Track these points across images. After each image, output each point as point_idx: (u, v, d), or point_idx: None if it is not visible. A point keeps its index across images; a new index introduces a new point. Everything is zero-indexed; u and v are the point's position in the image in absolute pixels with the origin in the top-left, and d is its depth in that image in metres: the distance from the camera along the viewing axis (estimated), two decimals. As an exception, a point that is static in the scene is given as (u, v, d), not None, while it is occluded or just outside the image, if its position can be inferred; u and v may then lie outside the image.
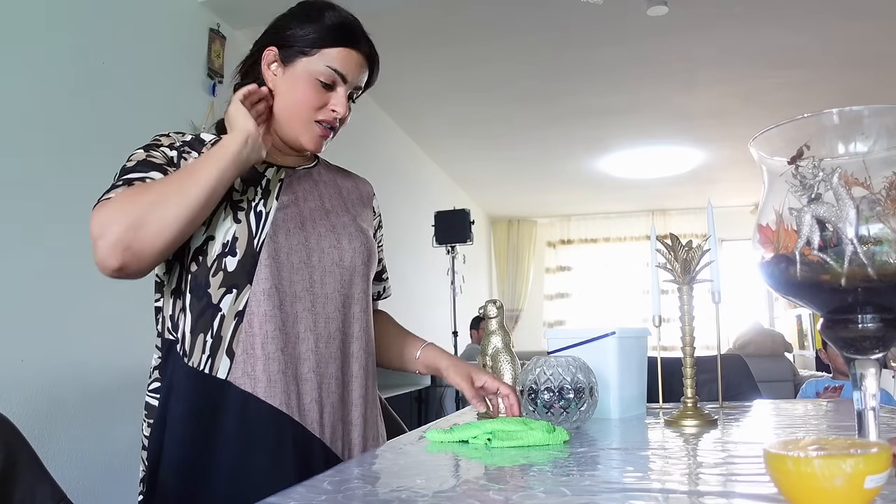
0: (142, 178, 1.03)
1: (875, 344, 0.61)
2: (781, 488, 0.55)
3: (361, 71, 1.19)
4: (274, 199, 1.14)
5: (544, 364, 1.26)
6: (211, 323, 1.06)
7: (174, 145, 1.12)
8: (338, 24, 1.16)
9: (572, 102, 4.81)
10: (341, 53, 1.15)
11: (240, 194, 1.12)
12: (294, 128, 1.16)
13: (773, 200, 0.64)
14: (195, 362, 1.05)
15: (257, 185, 1.15)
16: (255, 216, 1.10)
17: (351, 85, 1.18)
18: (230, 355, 1.04)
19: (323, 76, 1.14)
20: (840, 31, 3.78)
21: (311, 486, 0.83)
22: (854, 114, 0.60)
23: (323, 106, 1.16)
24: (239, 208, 1.10)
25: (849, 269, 0.57)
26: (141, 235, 0.97)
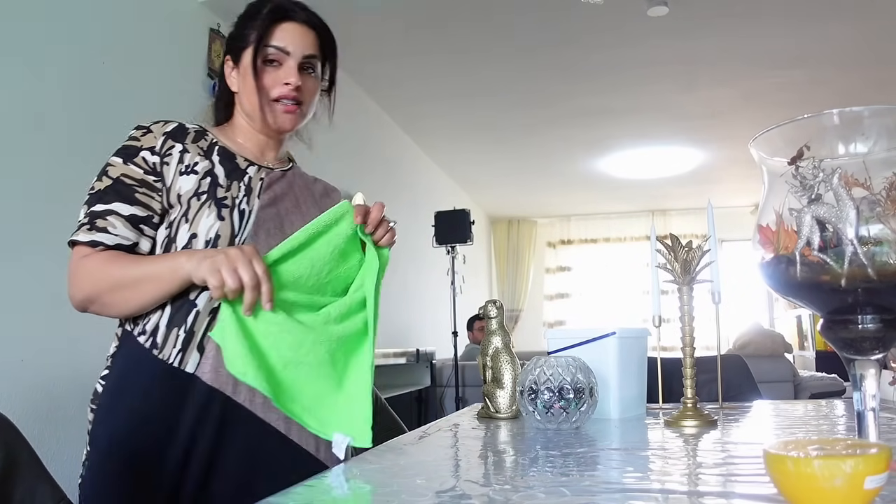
0: (105, 212, 1.08)
1: (875, 345, 0.61)
2: (781, 489, 0.55)
3: (304, 39, 1.19)
4: (256, 197, 1.16)
5: (544, 364, 1.26)
6: (185, 318, 1.07)
7: (155, 149, 1.13)
8: (268, 7, 1.18)
9: (573, 103, 4.81)
10: (275, 30, 1.17)
11: (224, 190, 1.13)
12: (262, 115, 1.19)
13: (773, 201, 0.64)
14: (166, 355, 1.06)
15: (240, 182, 1.16)
16: (239, 214, 1.12)
17: (297, 55, 1.18)
18: (200, 351, 1.06)
19: (265, 57, 1.17)
20: (840, 32, 3.78)
21: (311, 486, 0.83)
22: (854, 114, 0.60)
23: (276, 84, 1.18)
24: (223, 205, 1.12)
25: (849, 269, 0.57)
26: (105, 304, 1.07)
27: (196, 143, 1.17)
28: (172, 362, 1.06)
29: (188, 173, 1.13)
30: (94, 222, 1.08)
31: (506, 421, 1.43)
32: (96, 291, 1.06)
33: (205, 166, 1.15)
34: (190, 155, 1.15)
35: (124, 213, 1.09)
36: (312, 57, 1.20)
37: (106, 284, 1.05)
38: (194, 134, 1.18)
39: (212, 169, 1.15)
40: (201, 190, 1.12)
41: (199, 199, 1.11)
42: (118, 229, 1.09)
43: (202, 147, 1.18)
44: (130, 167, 1.11)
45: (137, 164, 1.11)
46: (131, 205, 1.09)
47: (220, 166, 1.16)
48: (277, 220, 1.17)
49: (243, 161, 1.20)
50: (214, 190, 1.12)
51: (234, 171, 1.17)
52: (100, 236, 1.08)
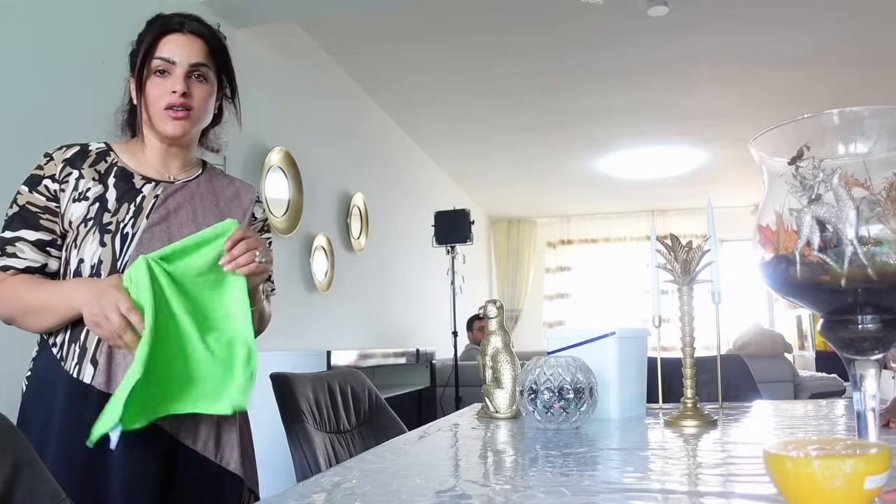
0: (14, 239, 1.18)
1: (875, 345, 0.61)
2: (781, 489, 0.55)
3: (189, 49, 1.24)
4: (144, 217, 1.22)
5: (544, 364, 1.26)
6: (79, 335, 1.19)
7: (55, 176, 1.21)
8: (155, 22, 1.25)
9: (572, 102, 4.81)
10: (161, 42, 1.23)
11: (111, 215, 1.21)
12: (155, 124, 1.25)
13: (773, 201, 0.64)
14: (68, 367, 1.18)
15: (131, 203, 1.23)
16: (121, 238, 1.20)
17: (183, 64, 1.23)
18: (94, 364, 1.17)
19: (153, 69, 1.23)
20: (840, 32, 3.78)
21: (311, 486, 0.83)
22: (854, 114, 0.60)
23: (164, 93, 1.23)
24: (106, 231, 1.20)
25: (849, 269, 0.57)
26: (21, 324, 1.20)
27: (94, 166, 1.23)
28: (72, 373, 1.17)
29: (80, 200, 1.21)
30: (4, 248, 1.18)
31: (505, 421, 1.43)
32: (12, 313, 1.18)
33: (96, 192, 1.21)
34: (84, 181, 1.21)
35: (31, 239, 1.19)
36: (200, 65, 1.25)
37: (18, 308, 1.17)
38: (95, 156, 1.25)
39: (103, 194, 1.22)
40: (89, 216, 1.20)
41: (86, 226, 1.20)
42: (26, 254, 1.19)
43: (99, 170, 1.24)
44: (34, 195, 1.20)
45: (40, 192, 1.20)
46: (36, 230, 1.19)
47: (113, 189, 1.23)
48: (166, 237, 1.22)
49: (140, 180, 1.25)
50: (101, 216, 1.20)
51: (129, 192, 1.23)
52: (10, 261, 1.18)
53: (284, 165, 3.35)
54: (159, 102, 1.23)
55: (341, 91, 4.22)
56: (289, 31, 3.55)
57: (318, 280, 3.63)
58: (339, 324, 3.91)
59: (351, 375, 1.79)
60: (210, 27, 1.29)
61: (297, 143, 3.47)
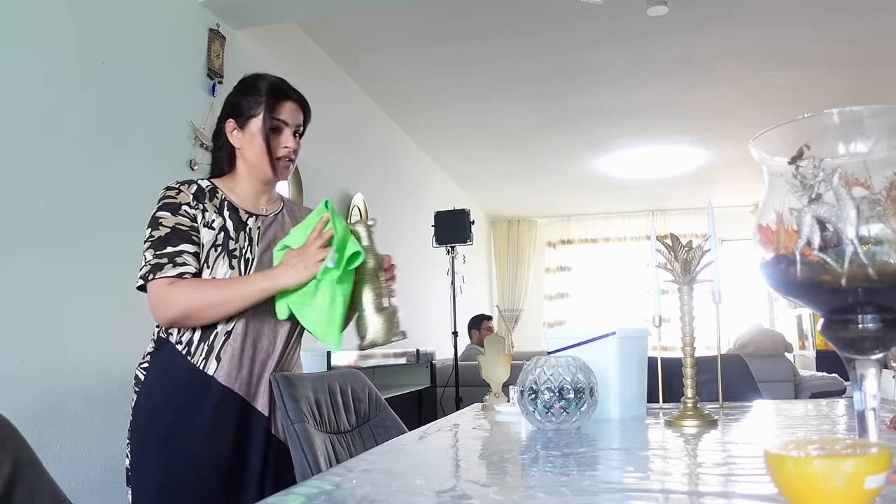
0: (178, 252, 1.40)
1: (875, 344, 0.61)
2: (781, 488, 0.55)
3: (297, 114, 1.55)
4: (256, 245, 1.50)
5: (544, 364, 1.26)
6: (209, 336, 1.44)
7: (190, 203, 1.46)
8: (270, 86, 1.52)
9: (572, 102, 4.81)
10: (279, 106, 1.52)
11: (234, 242, 1.47)
12: (264, 169, 1.52)
13: (773, 200, 0.64)
14: (196, 361, 1.43)
15: (244, 232, 1.50)
16: (245, 263, 1.47)
17: (292, 126, 1.54)
18: (217, 360, 1.43)
19: (272, 126, 1.51)
20: (840, 32, 3.78)
21: (312, 486, 0.83)
22: (854, 114, 0.60)
23: (278, 147, 1.52)
24: (233, 256, 1.46)
25: (849, 269, 0.57)
26: (197, 317, 1.41)
27: (211, 201, 1.48)
28: (199, 366, 1.42)
29: (208, 227, 1.45)
30: (174, 260, 1.39)
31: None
32: (190, 308, 1.38)
33: (219, 223, 1.47)
34: (209, 213, 1.46)
35: (191, 251, 1.42)
36: (300, 125, 1.57)
37: (198, 302, 1.38)
38: (209, 193, 1.49)
39: (224, 224, 1.47)
40: (217, 243, 1.45)
41: (216, 251, 1.44)
42: (192, 262, 1.41)
43: (216, 205, 1.48)
44: (179, 218, 1.43)
45: (183, 215, 1.44)
46: (193, 244, 1.42)
47: (229, 220, 1.48)
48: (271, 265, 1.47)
49: (244, 214, 1.52)
50: (227, 243, 1.46)
51: (239, 223, 1.50)
52: (184, 269, 1.40)
53: (284, 165, 3.35)
54: (275, 153, 1.51)
55: (341, 91, 4.22)
56: (289, 32, 3.55)
57: (319, 280, 3.63)
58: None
59: (351, 375, 1.79)
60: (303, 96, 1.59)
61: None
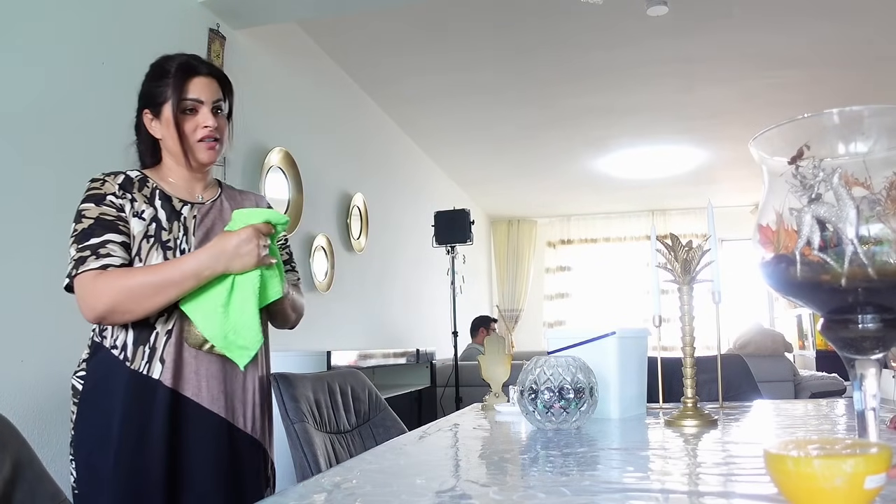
0: (102, 242, 1.30)
1: (875, 344, 0.61)
2: (781, 488, 0.55)
3: (211, 88, 1.44)
4: (192, 235, 1.41)
5: (544, 364, 1.26)
6: (148, 338, 1.34)
7: (116, 193, 1.36)
8: (178, 66, 1.42)
9: (572, 102, 4.81)
10: (188, 84, 1.41)
11: (168, 233, 1.38)
12: (188, 154, 1.43)
13: (773, 200, 0.64)
14: (136, 366, 1.32)
15: (178, 221, 1.41)
16: (180, 253, 1.38)
17: (209, 102, 1.43)
18: (162, 362, 1.33)
19: (185, 108, 1.41)
20: (839, 32, 3.78)
21: (312, 486, 0.83)
22: (854, 114, 0.60)
23: (197, 128, 1.42)
24: (167, 248, 1.37)
25: (849, 269, 0.57)
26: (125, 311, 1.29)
27: (141, 191, 1.40)
28: (142, 370, 1.32)
29: (138, 217, 1.36)
30: (97, 252, 1.30)
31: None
32: (116, 302, 1.27)
33: (150, 213, 1.38)
34: (137, 203, 1.37)
35: (118, 241, 1.32)
36: (219, 100, 1.45)
37: (125, 294, 1.27)
38: (138, 182, 1.41)
39: (155, 214, 1.38)
40: (149, 233, 1.36)
41: (148, 242, 1.35)
42: (118, 252, 1.32)
43: (146, 195, 1.40)
44: (104, 208, 1.34)
45: (108, 205, 1.35)
46: (119, 234, 1.33)
47: (161, 210, 1.39)
48: None
49: (178, 202, 1.43)
50: (160, 233, 1.37)
51: (172, 213, 1.41)
52: (108, 260, 1.30)
53: (284, 165, 3.35)
54: (193, 136, 1.41)
55: (341, 91, 4.22)
56: (289, 32, 3.55)
57: (318, 280, 3.63)
58: (339, 324, 3.91)
59: (351, 376, 1.79)
60: (218, 68, 1.48)
61: (297, 143, 3.47)
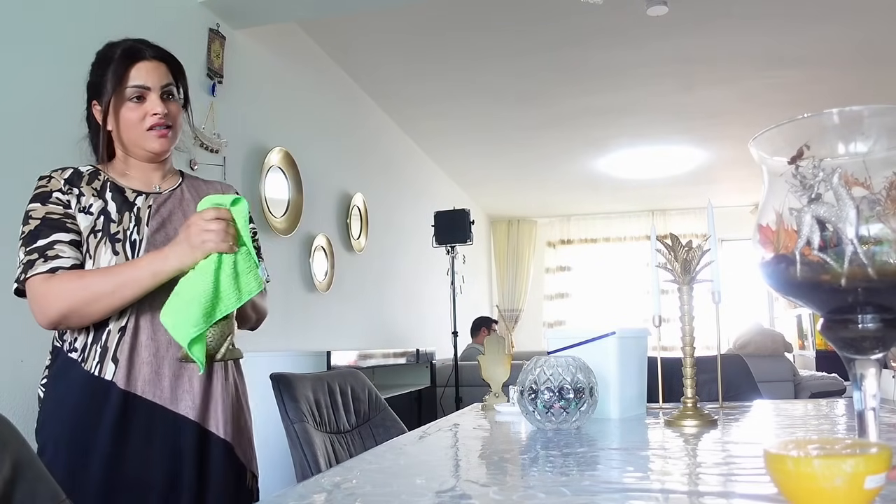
0: (50, 244, 1.23)
1: (875, 344, 0.61)
2: (781, 488, 0.55)
3: (158, 72, 1.34)
4: (145, 225, 1.32)
5: (544, 364, 1.26)
6: (101, 336, 1.26)
7: (62, 190, 1.29)
8: (120, 52, 1.33)
9: (572, 102, 4.81)
10: (131, 71, 1.32)
11: (117, 225, 1.30)
12: (139, 144, 1.34)
13: (773, 200, 0.64)
14: (89, 367, 1.25)
15: (130, 212, 1.32)
16: (130, 245, 1.29)
17: (156, 88, 1.33)
18: (115, 361, 1.25)
19: (130, 96, 1.32)
20: (840, 32, 3.78)
21: (311, 486, 0.83)
22: (854, 114, 0.60)
23: (145, 116, 1.32)
24: (116, 240, 1.29)
25: (849, 269, 0.57)
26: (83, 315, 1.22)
27: (90, 184, 1.32)
28: (93, 372, 1.24)
29: (85, 212, 1.29)
30: (45, 254, 1.23)
31: (492, 413, 1.42)
32: (75, 304, 1.20)
33: (98, 206, 1.30)
34: (85, 198, 1.30)
35: (66, 240, 1.25)
36: (168, 85, 1.35)
37: (84, 296, 1.20)
38: (88, 176, 1.33)
39: (105, 207, 1.30)
40: (97, 228, 1.28)
41: (95, 237, 1.28)
42: (67, 253, 1.24)
43: (96, 188, 1.32)
44: (50, 206, 1.27)
45: (55, 203, 1.28)
46: (67, 232, 1.26)
47: (112, 202, 1.31)
48: (167, 242, 1.30)
49: (132, 193, 1.35)
50: (108, 226, 1.29)
51: (124, 204, 1.32)
52: (57, 262, 1.23)
53: (284, 165, 3.35)
54: (141, 125, 1.32)
55: (341, 91, 4.22)
56: (289, 32, 3.55)
57: (318, 280, 3.63)
58: (339, 324, 3.91)
59: (351, 376, 1.79)
60: (165, 50, 1.38)
61: (297, 143, 3.47)
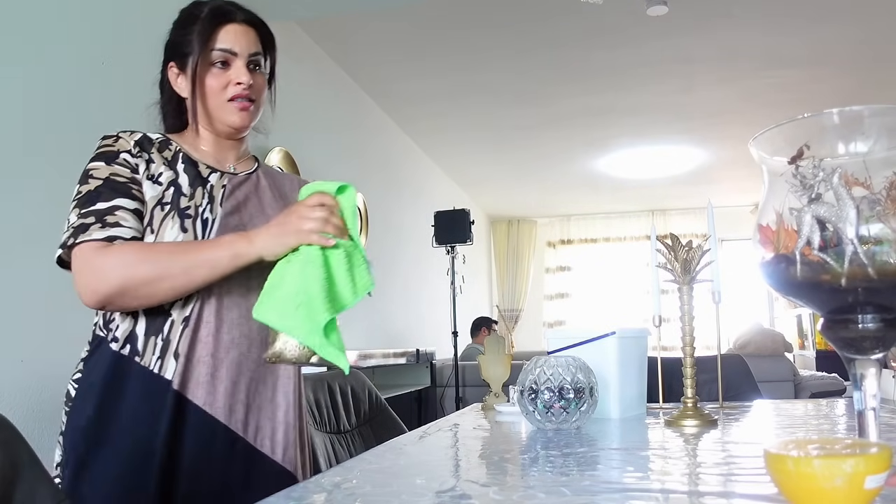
0: (110, 208, 1.07)
1: (875, 344, 0.61)
2: (781, 488, 0.55)
3: (248, 38, 1.20)
4: (218, 205, 1.17)
5: (544, 364, 1.26)
6: (161, 327, 1.10)
7: (132, 152, 1.14)
8: (207, 11, 1.19)
9: (572, 102, 4.81)
10: (219, 33, 1.18)
11: (188, 199, 1.14)
12: (217, 116, 1.20)
13: (773, 200, 0.64)
14: (147, 362, 1.09)
15: (203, 188, 1.17)
16: (202, 224, 1.13)
17: (244, 55, 1.19)
18: (176, 357, 1.09)
19: (214, 60, 1.18)
20: (840, 32, 3.78)
21: (312, 486, 0.83)
22: (854, 114, 0.60)
23: (228, 84, 1.18)
24: (186, 216, 1.12)
25: (849, 269, 0.57)
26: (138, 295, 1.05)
27: (161, 152, 1.17)
28: (153, 368, 1.08)
29: (153, 181, 1.14)
30: (103, 219, 1.07)
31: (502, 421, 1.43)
32: (136, 280, 1.04)
33: (168, 176, 1.15)
34: (155, 165, 1.15)
35: (130, 207, 1.09)
36: (257, 54, 1.22)
37: (148, 272, 1.04)
38: (158, 144, 1.18)
39: (175, 179, 1.15)
40: (165, 200, 1.13)
41: (162, 210, 1.12)
42: (130, 222, 1.09)
43: (166, 157, 1.17)
44: (116, 167, 1.12)
45: (122, 165, 1.12)
46: (132, 199, 1.10)
47: (184, 175, 1.17)
48: (241, 228, 1.16)
49: (205, 169, 1.20)
50: (178, 200, 1.13)
51: (197, 178, 1.17)
52: (115, 231, 1.07)
53: (284, 165, 3.35)
54: (222, 94, 1.18)
55: (341, 91, 4.22)
56: (289, 31, 3.55)
57: (319, 280, 3.63)
58: (339, 324, 3.91)
59: (351, 376, 1.79)
60: (257, 15, 1.24)
61: (297, 143, 3.47)
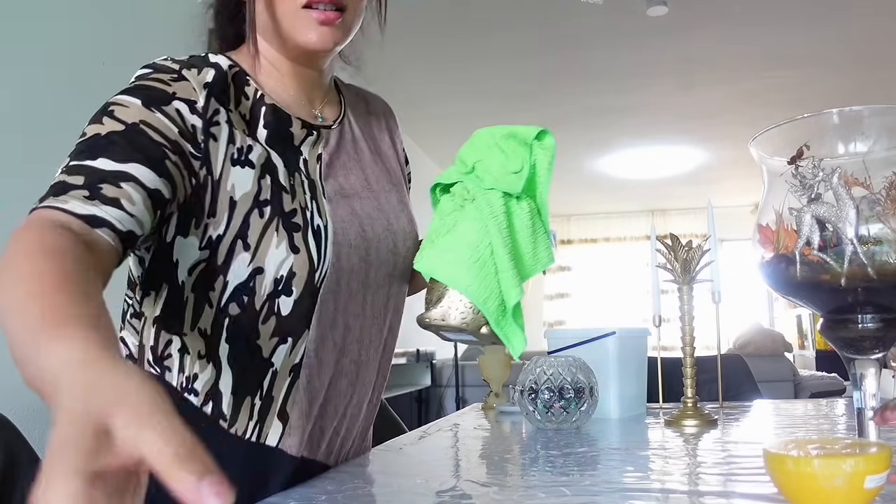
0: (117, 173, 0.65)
1: (875, 344, 0.61)
2: (781, 488, 0.55)
3: None
4: (322, 196, 0.81)
5: (544, 364, 1.26)
6: (261, 381, 0.78)
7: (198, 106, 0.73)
8: None
9: (572, 102, 4.81)
10: None
11: (291, 198, 0.77)
12: (286, 29, 0.80)
13: (773, 200, 0.64)
14: (239, 429, 0.78)
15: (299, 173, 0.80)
16: (314, 236, 0.78)
17: None
18: (282, 418, 0.80)
19: None
20: (839, 32, 3.78)
21: (312, 486, 0.83)
22: (854, 114, 0.60)
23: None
24: (294, 227, 0.76)
25: (849, 269, 0.57)
26: None
27: (237, 107, 0.78)
28: (250, 437, 0.78)
29: (242, 164, 0.74)
30: (97, 187, 0.64)
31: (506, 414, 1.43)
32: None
33: (259, 154, 0.76)
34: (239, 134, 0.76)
35: (149, 185, 0.66)
36: None
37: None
38: (234, 84, 0.79)
39: (268, 157, 0.77)
40: (263, 197, 0.75)
41: (261, 216, 0.75)
42: (136, 206, 0.65)
43: (243, 112, 0.78)
44: (158, 116, 0.70)
45: (169, 117, 0.71)
46: (158, 174, 0.67)
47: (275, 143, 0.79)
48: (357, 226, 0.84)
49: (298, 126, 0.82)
50: (279, 197, 0.76)
51: (288, 148, 0.80)
52: (107, 211, 0.62)
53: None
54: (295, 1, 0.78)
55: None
56: (288, 32, 3.55)
57: (319, 280, 3.63)
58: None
59: (351, 375, 1.78)
60: None
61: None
